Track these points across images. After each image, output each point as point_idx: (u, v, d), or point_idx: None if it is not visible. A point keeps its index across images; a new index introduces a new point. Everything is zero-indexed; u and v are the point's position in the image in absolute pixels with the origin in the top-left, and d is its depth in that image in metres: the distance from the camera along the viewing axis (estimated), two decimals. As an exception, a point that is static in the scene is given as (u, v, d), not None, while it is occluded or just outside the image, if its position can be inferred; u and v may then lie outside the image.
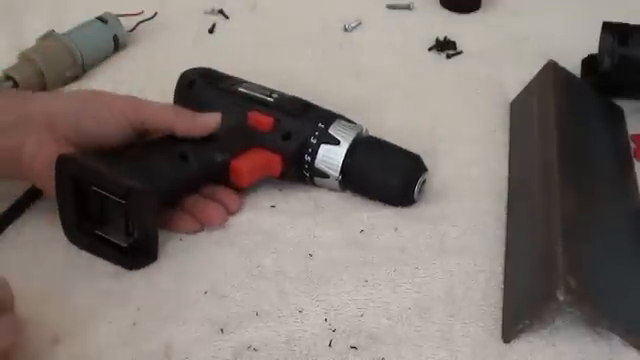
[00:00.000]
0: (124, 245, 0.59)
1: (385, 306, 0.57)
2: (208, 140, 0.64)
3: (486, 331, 0.56)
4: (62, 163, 0.58)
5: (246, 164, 0.65)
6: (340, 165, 0.65)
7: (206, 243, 0.63)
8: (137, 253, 0.60)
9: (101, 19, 0.85)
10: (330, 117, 0.67)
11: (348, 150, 0.65)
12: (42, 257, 0.61)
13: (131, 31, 0.88)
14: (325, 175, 0.66)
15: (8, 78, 0.76)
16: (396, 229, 0.64)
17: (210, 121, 0.64)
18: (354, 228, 0.64)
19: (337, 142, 0.65)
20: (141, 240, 0.59)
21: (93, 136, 0.62)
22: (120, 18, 0.86)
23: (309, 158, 0.66)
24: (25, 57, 0.78)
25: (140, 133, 0.64)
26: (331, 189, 0.67)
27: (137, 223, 0.58)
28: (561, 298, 0.51)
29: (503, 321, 0.56)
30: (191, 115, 0.65)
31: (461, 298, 0.58)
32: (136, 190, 0.57)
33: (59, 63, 0.79)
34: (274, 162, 0.66)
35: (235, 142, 0.65)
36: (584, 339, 0.55)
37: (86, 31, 0.83)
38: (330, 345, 0.54)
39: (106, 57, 0.85)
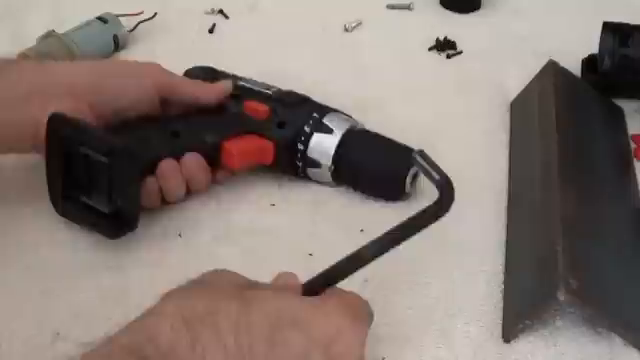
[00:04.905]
0: (106, 211, 0.59)
1: (385, 306, 0.57)
2: (203, 121, 0.65)
3: (486, 331, 0.56)
4: (53, 121, 0.59)
5: (237, 146, 0.65)
6: (332, 154, 0.65)
7: (206, 241, 0.63)
8: (118, 221, 0.60)
9: (101, 19, 0.85)
10: (326, 109, 0.68)
11: (341, 140, 0.65)
12: (43, 255, 0.61)
13: (131, 31, 0.88)
14: (317, 164, 0.66)
15: (8, 78, 0.76)
16: (396, 229, 0.64)
17: (223, 86, 0.68)
18: (354, 227, 0.64)
19: (330, 131, 0.65)
20: (123, 207, 0.59)
21: (117, 101, 0.62)
22: (120, 18, 0.86)
23: (302, 147, 0.66)
24: (25, 57, 0.78)
25: (162, 103, 0.65)
26: (324, 182, 0.67)
27: (119, 186, 0.59)
28: (561, 298, 0.51)
29: (503, 321, 0.56)
30: (207, 84, 0.67)
31: (461, 298, 0.58)
32: (119, 148, 0.58)
33: (59, 63, 0.79)
34: (266, 148, 0.66)
35: (229, 126, 0.66)
36: (585, 339, 0.55)
37: (86, 31, 0.83)
38: (330, 345, 0.54)
39: (106, 57, 0.85)
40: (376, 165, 0.65)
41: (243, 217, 0.65)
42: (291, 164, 0.67)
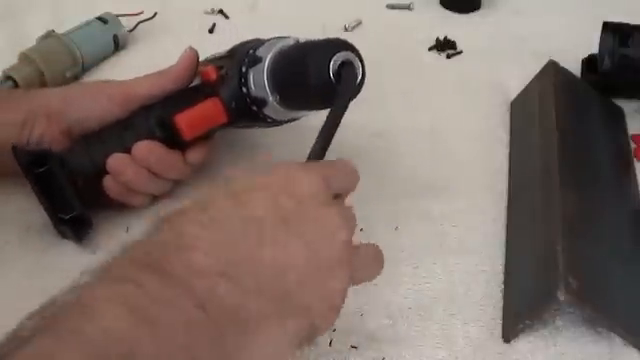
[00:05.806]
0: (65, 217, 0.60)
1: (385, 306, 0.57)
2: (154, 106, 0.63)
3: (486, 331, 0.56)
4: (15, 154, 0.60)
5: (185, 117, 0.62)
6: (266, 83, 0.58)
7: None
8: (78, 224, 0.61)
9: (101, 19, 0.85)
10: (263, 40, 0.61)
11: (270, 65, 0.58)
12: (46, 258, 0.61)
13: (131, 31, 0.88)
14: (264, 101, 0.59)
15: (8, 78, 0.76)
16: (396, 228, 0.64)
17: (180, 68, 0.65)
18: (354, 228, 0.64)
19: (260, 60, 0.59)
20: (77, 210, 0.60)
21: (84, 121, 0.63)
22: (120, 18, 0.86)
23: (245, 89, 0.60)
24: (25, 57, 0.78)
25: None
26: (282, 119, 0.62)
27: (67, 190, 0.60)
28: (561, 298, 0.51)
29: (503, 321, 0.56)
30: (163, 73, 0.65)
31: (461, 298, 0.58)
32: (48, 156, 0.59)
33: (59, 63, 0.79)
34: (215, 108, 0.62)
35: (179, 101, 0.63)
36: (584, 339, 0.55)
37: (86, 31, 0.83)
38: (330, 345, 0.54)
39: (106, 57, 0.85)
40: (301, 68, 0.55)
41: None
42: (248, 114, 0.61)
